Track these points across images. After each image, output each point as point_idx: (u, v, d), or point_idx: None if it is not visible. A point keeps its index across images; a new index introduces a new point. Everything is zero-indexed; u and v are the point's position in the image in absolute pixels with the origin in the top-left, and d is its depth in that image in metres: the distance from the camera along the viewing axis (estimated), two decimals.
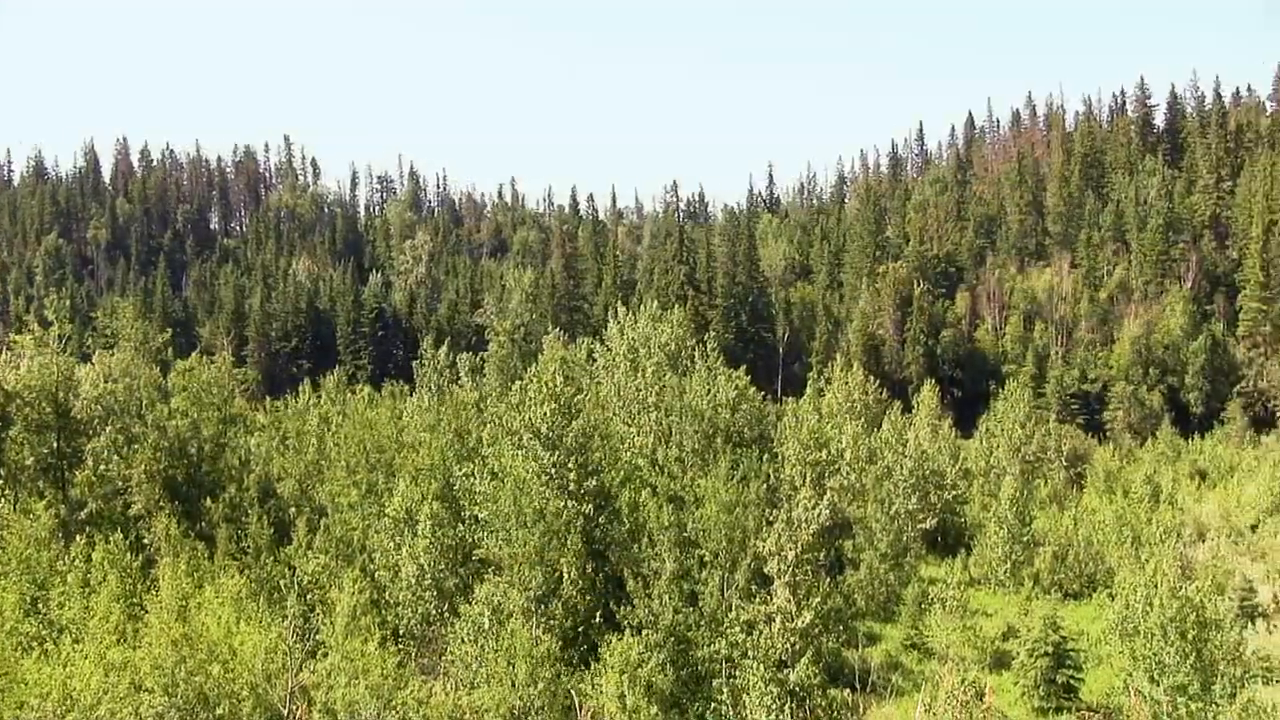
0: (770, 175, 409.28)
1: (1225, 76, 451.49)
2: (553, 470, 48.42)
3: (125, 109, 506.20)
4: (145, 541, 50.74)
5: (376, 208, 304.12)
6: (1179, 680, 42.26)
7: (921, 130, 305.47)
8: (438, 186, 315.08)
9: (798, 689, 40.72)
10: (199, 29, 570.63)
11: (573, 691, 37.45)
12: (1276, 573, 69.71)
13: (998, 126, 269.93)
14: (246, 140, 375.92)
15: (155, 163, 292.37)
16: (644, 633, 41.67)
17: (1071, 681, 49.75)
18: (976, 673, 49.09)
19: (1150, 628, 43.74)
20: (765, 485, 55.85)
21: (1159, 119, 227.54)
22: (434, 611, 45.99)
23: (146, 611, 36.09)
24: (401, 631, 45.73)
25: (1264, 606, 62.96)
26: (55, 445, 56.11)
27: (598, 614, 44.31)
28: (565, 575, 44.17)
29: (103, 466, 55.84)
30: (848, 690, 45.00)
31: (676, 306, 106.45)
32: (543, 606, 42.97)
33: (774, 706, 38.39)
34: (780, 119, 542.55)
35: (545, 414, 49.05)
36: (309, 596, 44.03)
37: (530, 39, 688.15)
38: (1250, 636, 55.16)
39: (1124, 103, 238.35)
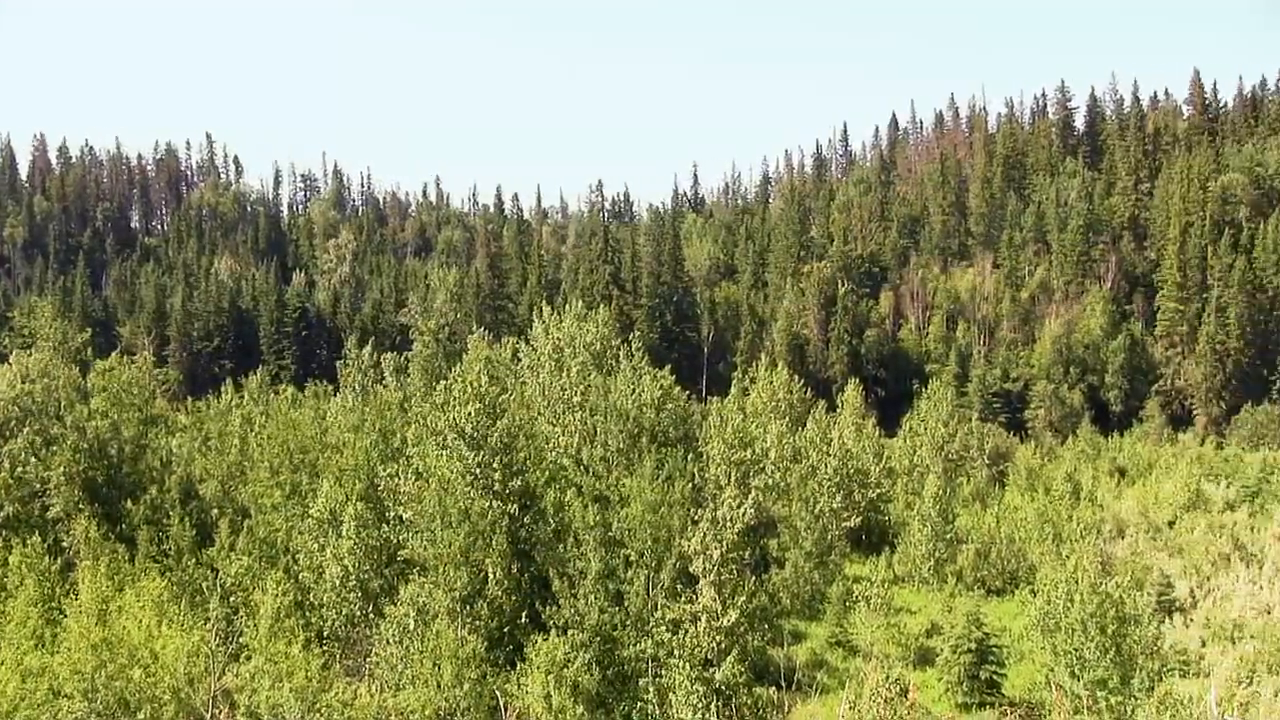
0: (695, 175, 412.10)
1: (1143, 80, 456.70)
2: (477, 470, 48.25)
3: (43, 105, 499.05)
4: (64, 545, 50.22)
5: (300, 206, 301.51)
6: (1099, 674, 42.84)
7: (846, 131, 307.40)
8: (362, 185, 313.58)
9: (723, 687, 40.78)
10: (117, 25, 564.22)
11: (498, 692, 37.37)
12: (1193, 568, 70.65)
13: (921, 128, 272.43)
14: (168, 138, 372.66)
15: (74, 160, 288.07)
16: (569, 633, 41.63)
17: (994, 677, 50.21)
18: (901, 670, 49.35)
19: (1071, 623, 44.30)
20: (690, 484, 55.87)
21: (1079, 122, 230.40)
22: (359, 613, 45.70)
23: (65, 616, 35.72)
24: (326, 633, 45.41)
25: (1181, 601, 63.84)
26: None
27: (523, 614, 44.20)
28: (490, 575, 44.04)
29: (20, 469, 55.11)
30: (773, 688, 45.17)
31: (601, 306, 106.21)
32: (468, 607, 42.83)
33: (700, 705, 38.51)
34: (705, 119, 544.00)
35: (470, 414, 48.87)
36: (232, 599, 43.69)
37: (449, 38, 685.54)
38: (1168, 631, 55.95)
39: (1045, 105, 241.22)
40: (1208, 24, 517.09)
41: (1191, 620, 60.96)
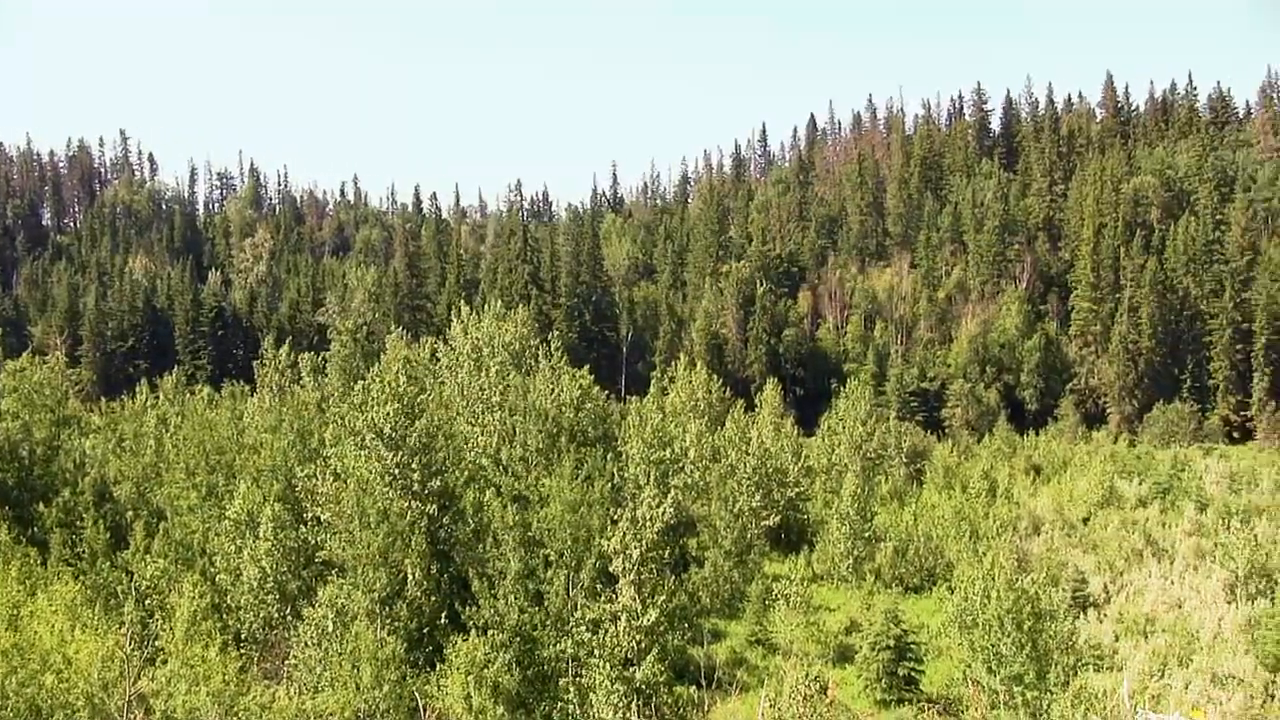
0: (614, 175, 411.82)
1: (1058, 84, 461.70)
2: (396, 471, 48.10)
3: None
4: None
5: (216, 205, 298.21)
6: (1015, 670, 43.32)
7: (764, 132, 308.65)
8: (279, 184, 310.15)
9: (644, 687, 40.86)
10: (29, 20, 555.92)
11: (418, 693, 37.24)
12: (1107, 564, 71.51)
13: (839, 129, 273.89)
14: (80, 134, 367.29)
15: None
16: (489, 633, 41.53)
17: (913, 674, 50.59)
18: (820, 667, 49.67)
19: (988, 619, 44.77)
20: (609, 484, 55.89)
21: (995, 124, 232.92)
22: (276, 615, 45.38)
23: None
24: (243, 636, 45.05)
25: (1095, 597, 64.67)
26: None
27: (443, 615, 44.09)
28: (409, 576, 43.85)
29: None
30: (693, 687, 45.35)
31: (520, 306, 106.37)
32: (387, 608, 42.62)
33: (620, 704, 38.59)
34: (625, 118, 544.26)
35: (388, 414, 48.69)
36: (147, 602, 43.22)
37: (366, 37, 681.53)
38: (1082, 626, 56.67)
39: (962, 107, 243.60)
40: (1121, 28, 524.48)
41: (1105, 615, 61.73)
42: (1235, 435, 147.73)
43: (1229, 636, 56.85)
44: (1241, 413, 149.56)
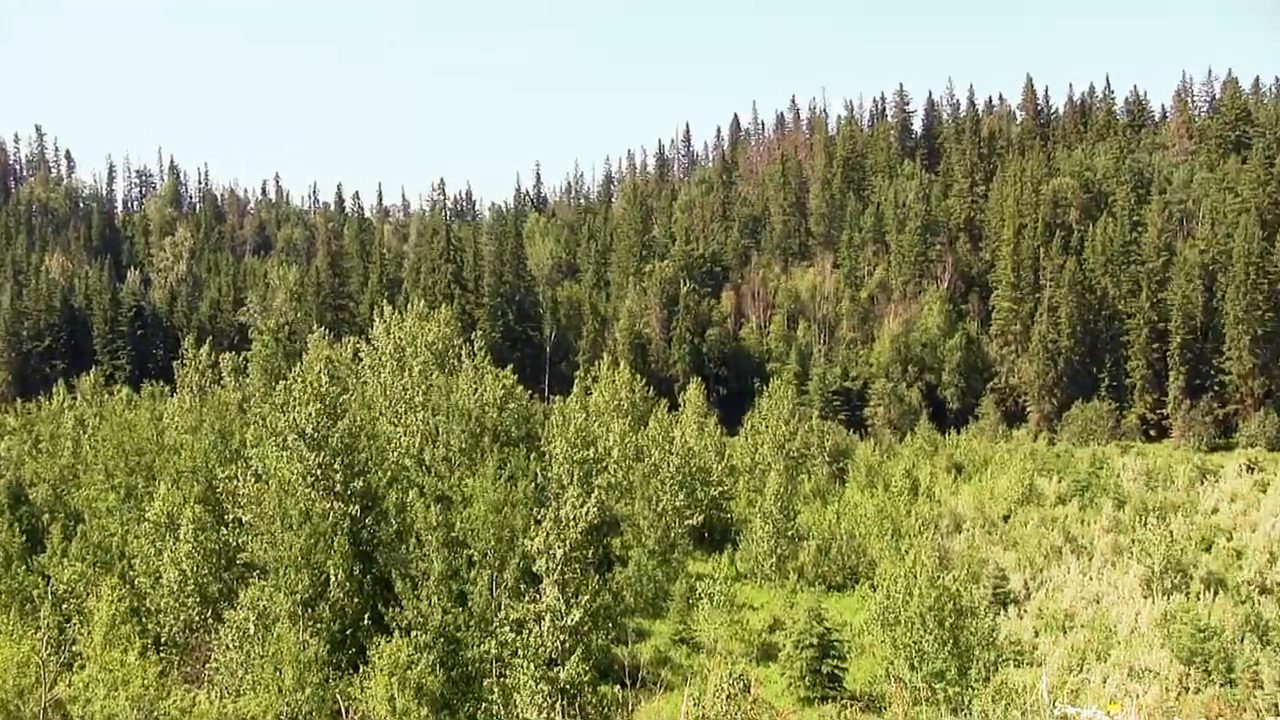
0: (538, 174, 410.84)
1: (979, 86, 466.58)
2: (318, 471, 47.85)
3: None
4: None
5: (135, 203, 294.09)
6: (937, 666, 43.75)
7: (688, 131, 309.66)
8: (199, 182, 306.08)
9: (568, 686, 40.89)
10: None
11: (340, 696, 37.04)
12: (1027, 561, 72.29)
13: (763, 129, 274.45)
14: None
15: None
16: (413, 634, 41.41)
17: (836, 671, 50.92)
18: (744, 666, 49.86)
19: (910, 617, 45.20)
20: (533, 484, 55.94)
21: (917, 125, 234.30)
22: (197, 618, 45.03)
23: None
24: (164, 639, 44.67)
25: (1015, 593, 65.41)
26: None
27: (366, 616, 43.92)
28: (332, 578, 43.65)
29: None
30: (618, 686, 45.34)
31: (443, 305, 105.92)
32: (309, 610, 42.40)
33: (544, 704, 38.59)
34: (549, 118, 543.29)
35: (310, 414, 48.42)
36: (64, 606, 42.78)
37: (288, 36, 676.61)
38: (1003, 622, 57.27)
39: (884, 108, 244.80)
40: (1040, 31, 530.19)
41: (1025, 611, 62.48)
42: (1152, 433, 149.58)
43: (1145, 631, 57.77)
44: (1158, 411, 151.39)
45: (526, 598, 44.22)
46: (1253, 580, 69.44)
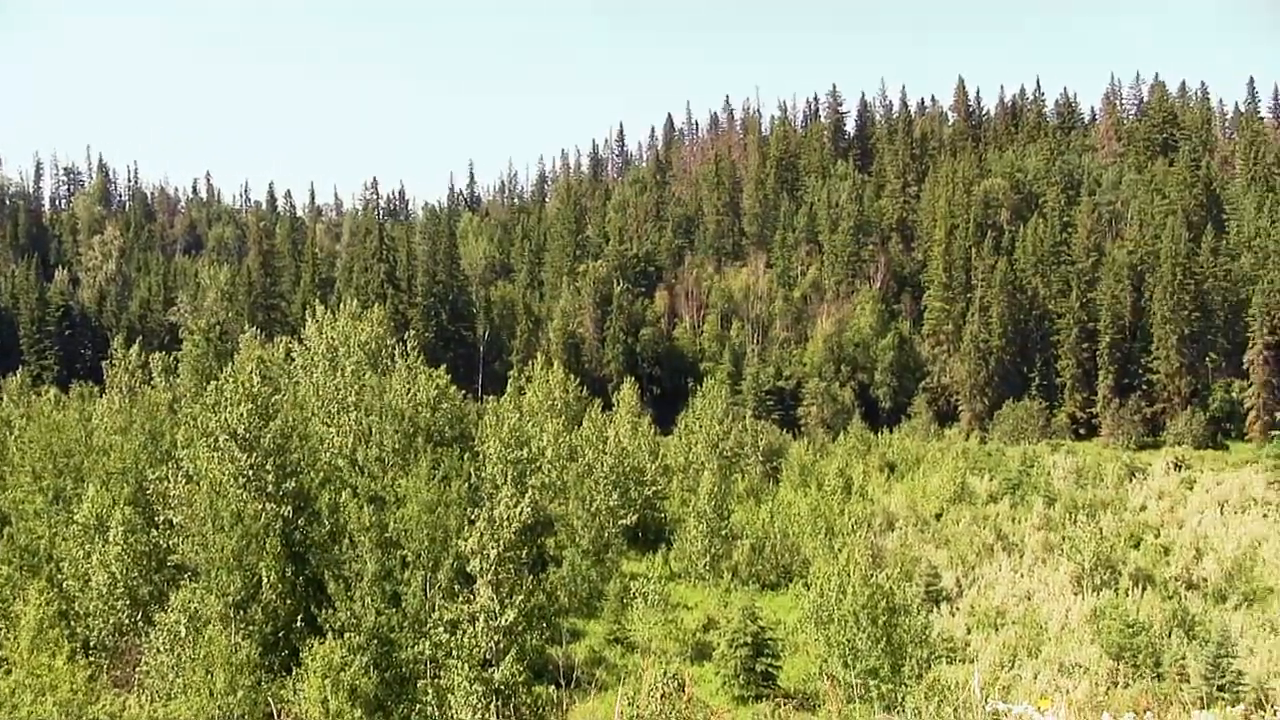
0: (471, 173, 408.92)
1: (911, 87, 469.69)
2: (250, 472, 47.50)
3: None
4: None
5: (63, 201, 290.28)
6: (871, 664, 44.03)
7: (622, 131, 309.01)
8: (129, 180, 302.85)
9: (503, 687, 40.84)
10: None
11: (272, 699, 36.81)
12: (959, 558, 72.90)
13: (697, 129, 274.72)
14: None
15: None
16: (346, 636, 41.22)
17: (770, 669, 51.15)
18: (678, 665, 50.00)
19: (844, 615, 45.47)
20: (467, 484, 55.76)
21: (850, 125, 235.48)
22: (127, 621, 44.60)
23: None
24: (93, 643, 44.21)
25: (948, 591, 65.97)
26: None
27: (299, 618, 43.67)
28: (264, 579, 43.35)
29: None
30: (552, 687, 45.32)
31: (376, 305, 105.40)
32: (241, 612, 42.10)
33: (479, 705, 38.49)
34: (482, 118, 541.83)
35: (242, 415, 48.07)
36: None
37: (218, 34, 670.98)
38: (935, 620, 57.77)
39: (817, 109, 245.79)
40: (972, 33, 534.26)
41: (957, 609, 63.04)
42: (1081, 432, 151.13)
43: (1075, 627, 58.51)
44: (1087, 409, 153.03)
45: (460, 598, 44.11)
46: (1179, 576, 70.56)
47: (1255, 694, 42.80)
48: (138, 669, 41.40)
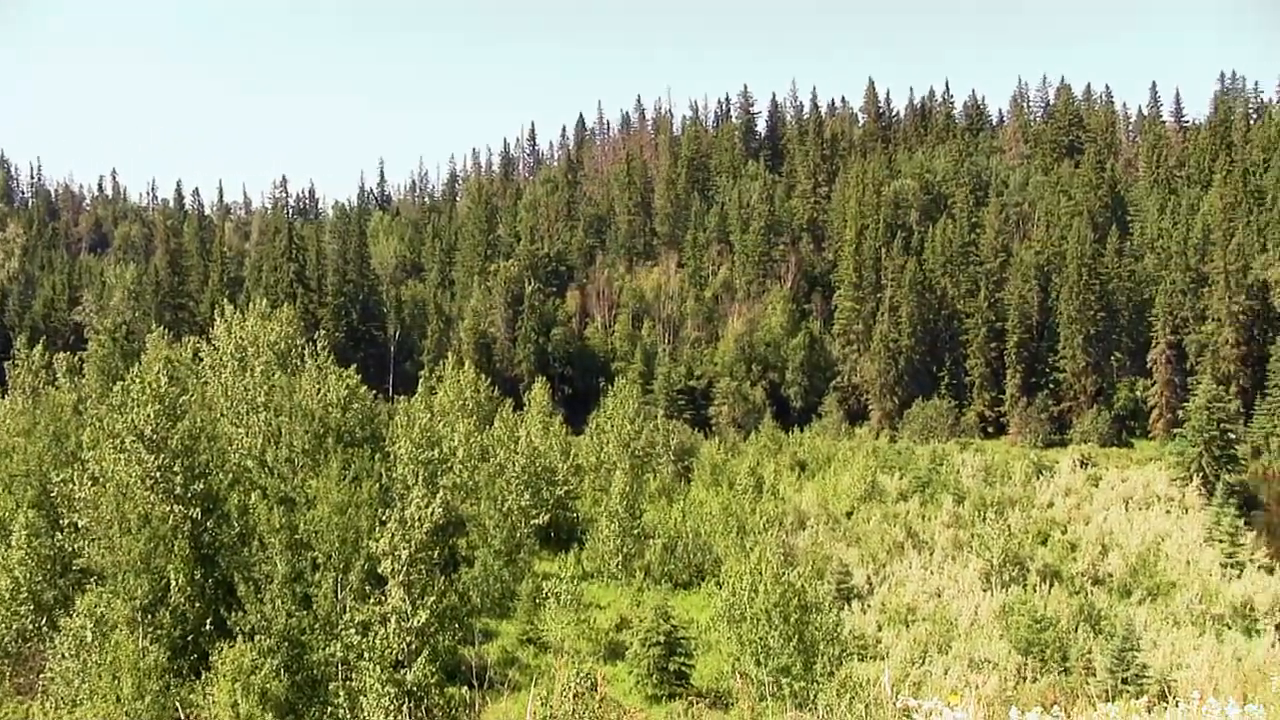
0: (382, 172, 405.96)
1: (822, 88, 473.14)
2: (157, 474, 46.94)
3: None
4: None
5: None
6: (783, 661, 44.22)
7: (533, 131, 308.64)
8: (32, 177, 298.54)
9: (415, 688, 40.64)
10: None
11: (180, 703, 36.42)
12: (870, 556, 73.41)
13: (608, 129, 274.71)
14: None
15: None
16: (257, 638, 40.83)
17: (683, 668, 51.20)
18: (591, 664, 49.90)
19: (756, 613, 45.65)
20: (378, 485, 55.44)
21: (761, 126, 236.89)
22: (31, 626, 43.92)
23: None
24: None
25: (859, 588, 66.40)
26: None
27: (208, 621, 43.24)
28: (173, 582, 42.86)
29: None
30: (465, 688, 45.18)
31: (286, 304, 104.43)
32: (149, 616, 41.60)
33: (391, 707, 38.29)
34: (393, 116, 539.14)
35: (149, 415, 47.48)
36: None
37: (122, 30, 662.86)
38: (847, 617, 58.11)
39: (729, 109, 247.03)
40: (882, 34, 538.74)
41: (869, 606, 63.45)
42: (990, 430, 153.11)
43: (985, 623, 59.14)
44: (995, 408, 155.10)
45: (372, 599, 43.85)
46: (1086, 572, 71.62)
47: (1159, 686, 43.41)
48: (42, 675, 40.82)
